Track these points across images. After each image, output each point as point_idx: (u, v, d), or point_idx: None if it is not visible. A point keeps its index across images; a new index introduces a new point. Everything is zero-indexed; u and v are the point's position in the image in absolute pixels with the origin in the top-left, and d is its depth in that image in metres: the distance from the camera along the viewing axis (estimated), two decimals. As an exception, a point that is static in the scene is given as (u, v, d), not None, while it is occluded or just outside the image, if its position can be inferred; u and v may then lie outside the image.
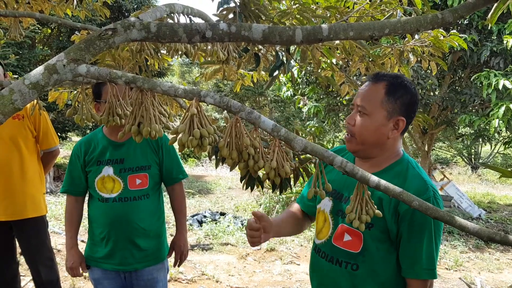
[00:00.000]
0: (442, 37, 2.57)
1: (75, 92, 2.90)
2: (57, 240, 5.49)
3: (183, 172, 2.59)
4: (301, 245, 6.18)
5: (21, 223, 3.05)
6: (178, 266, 2.59)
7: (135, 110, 1.15)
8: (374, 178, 1.03)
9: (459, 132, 11.02)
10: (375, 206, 1.16)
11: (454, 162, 20.55)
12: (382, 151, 1.61)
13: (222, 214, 7.78)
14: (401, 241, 1.54)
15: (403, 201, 1.02)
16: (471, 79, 7.10)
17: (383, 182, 1.03)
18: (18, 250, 3.25)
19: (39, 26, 10.87)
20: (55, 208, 7.35)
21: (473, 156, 18.61)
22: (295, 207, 1.97)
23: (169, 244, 2.60)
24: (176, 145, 1.12)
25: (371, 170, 1.62)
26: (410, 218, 1.50)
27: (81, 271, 2.48)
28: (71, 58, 1.06)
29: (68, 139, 14.94)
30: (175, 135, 1.11)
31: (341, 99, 8.82)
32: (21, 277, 3.61)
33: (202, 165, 16.67)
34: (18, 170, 3.02)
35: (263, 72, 3.20)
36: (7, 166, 2.98)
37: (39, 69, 1.06)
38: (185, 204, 2.65)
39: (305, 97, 9.45)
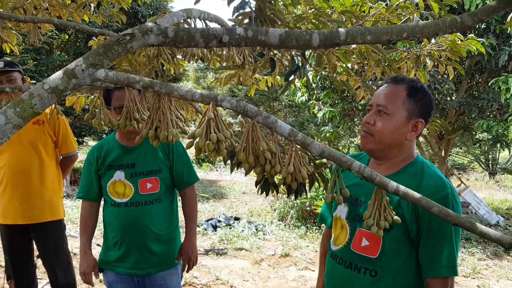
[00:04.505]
0: (459, 41, 2.54)
1: (92, 96, 2.93)
2: (73, 244, 5.53)
3: (194, 176, 2.59)
4: (316, 251, 6.14)
5: (39, 226, 3.09)
6: (187, 271, 2.58)
7: (152, 115, 1.15)
8: (393, 184, 1.02)
9: (476, 137, 10.86)
10: (394, 212, 1.14)
11: (471, 168, 20.25)
12: (399, 153, 1.62)
13: (237, 219, 7.78)
14: (420, 240, 1.53)
15: (423, 207, 1.00)
16: (489, 84, 6.99)
17: (402, 187, 1.01)
18: (36, 253, 3.29)
19: (56, 32, 11.05)
20: (71, 212, 7.43)
21: (490, 162, 18.32)
22: (325, 238, 1.98)
23: None
24: (192, 150, 1.12)
25: (386, 172, 1.62)
26: (429, 216, 1.48)
27: (93, 277, 2.50)
28: (89, 63, 1.07)
29: (84, 144, 15.11)
30: (191, 140, 1.11)
31: (356, 104, 8.77)
32: (38, 280, 3.65)
33: (217, 170, 16.70)
34: (38, 174, 3.06)
35: (278, 77, 3.20)
36: (27, 170, 3.03)
37: (58, 73, 1.07)
38: (196, 209, 2.64)
39: (320, 102, 9.41)
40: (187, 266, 2.55)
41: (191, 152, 13.66)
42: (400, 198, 1.50)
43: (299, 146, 1.12)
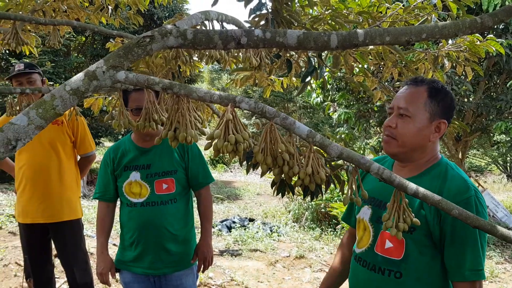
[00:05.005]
0: (478, 42, 2.50)
1: (110, 98, 2.97)
2: (90, 244, 5.58)
3: (209, 177, 2.60)
4: (331, 253, 6.12)
5: (57, 225, 3.13)
6: (202, 272, 2.59)
7: (171, 116, 1.16)
8: (412, 186, 1.01)
9: (494, 139, 10.72)
10: (413, 214, 1.13)
11: (489, 170, 19.97)
12: (423, 155, 1.60)
13: (251, 220, 7.79)
14: (445, 243, 1.51)
15: (442, 210, 0.99)
16: (507, 85, 6.90)
17: (421, 189, 1.01)
18: (54, 252, 3.33)
19: (74, 34, 11.21)
20: (88, 212, 7.50)
21: (508, 164, 18.04)
22: (343, 246, 1.99)
23: None
24: (209, 151, 1.13)
25: (410, 174, 1.60)
26: (453, 218, 1.46)
27: (110, 277, 2.52)
28: (110, 65, 1.09)
29: (100, 145, 15.27)
30: (210, 141, 1.12)
31: (372, 105, 8.71)
32: (56, 279, 3.70)
33: (231, 171, 16.73)
34: (56, 174, 3.11)
35: (293, 78, 3.20)
36: (46, 170, 3.08)
37: (80, 75, 1.09)
38: (211, 209, 2.64)
39: (335, 103, 9.38)
40: (202, 266, 2.56)
41: (206, 153, 13.68)
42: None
43: (315, 147, 1.12)
